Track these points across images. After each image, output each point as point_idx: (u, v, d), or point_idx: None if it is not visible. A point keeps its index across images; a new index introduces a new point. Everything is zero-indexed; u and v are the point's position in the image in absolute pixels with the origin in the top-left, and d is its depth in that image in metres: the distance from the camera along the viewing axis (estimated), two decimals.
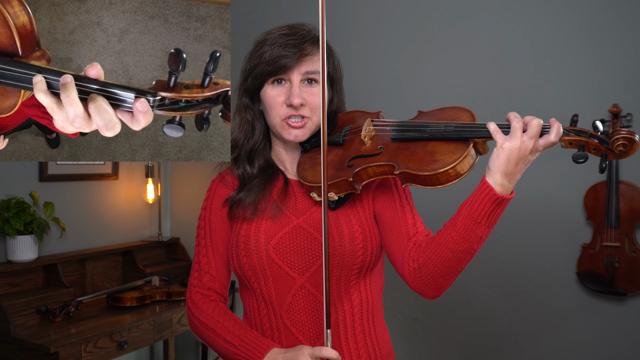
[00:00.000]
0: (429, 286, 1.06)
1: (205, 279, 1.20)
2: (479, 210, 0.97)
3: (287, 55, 1.12)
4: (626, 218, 2.05)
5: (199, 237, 1.23)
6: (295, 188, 1.21)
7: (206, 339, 1.16)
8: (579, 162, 0.95)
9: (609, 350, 2.14)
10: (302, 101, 1.12)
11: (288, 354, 1.04)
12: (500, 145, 0.95)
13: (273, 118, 1.16)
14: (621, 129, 0.93)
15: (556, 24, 2.21)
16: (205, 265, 1.20)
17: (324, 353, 1.01)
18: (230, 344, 1.11)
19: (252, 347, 1.09)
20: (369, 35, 2.60)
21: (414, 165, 1.01)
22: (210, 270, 1.20)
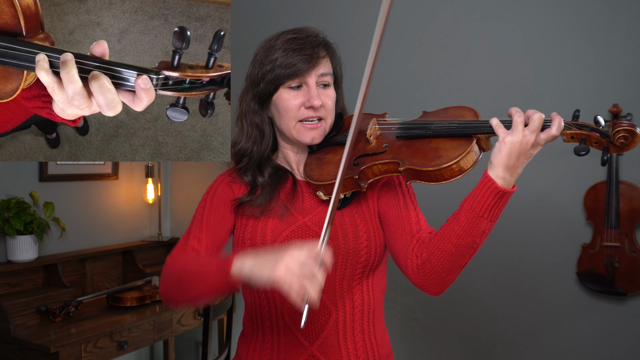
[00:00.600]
0: (432, 282, 1.06)
1: (191, 242, 1.15)
2: (482, 204, 0.98)
3: (304, 59, 1.11)
4: (626, 218, 2.05)
5: (196, 214, 1.20)
6: (304, 188, 1.21)
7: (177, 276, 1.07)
8: (580, 155, 0.95)
9: (609, 350, 2.14)
10: (321, 102, 1.13)
11: (272, 254, 0.93)
12: (502, 139, 0.96)
13: (289, 121, 1.15)
14: (622, 122, 0.94)
15: (556, 24, 2.21)
16: (195, 232, 1.16)
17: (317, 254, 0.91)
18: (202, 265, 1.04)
19: (224, 257, 1.01)
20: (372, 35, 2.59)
21: (418, 161, 1.02)
22: (199, 236, 1.15)
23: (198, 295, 1.03)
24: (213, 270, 1.00)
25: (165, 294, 1.11)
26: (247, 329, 1.24)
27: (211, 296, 1.03)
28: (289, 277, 0.88)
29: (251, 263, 0.94)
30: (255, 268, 0.92)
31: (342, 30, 2.62)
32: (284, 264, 0.89)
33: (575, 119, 0.98)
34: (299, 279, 0.88)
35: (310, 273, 0.88)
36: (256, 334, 1.20)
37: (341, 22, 2.66)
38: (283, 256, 0.90)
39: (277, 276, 0.88)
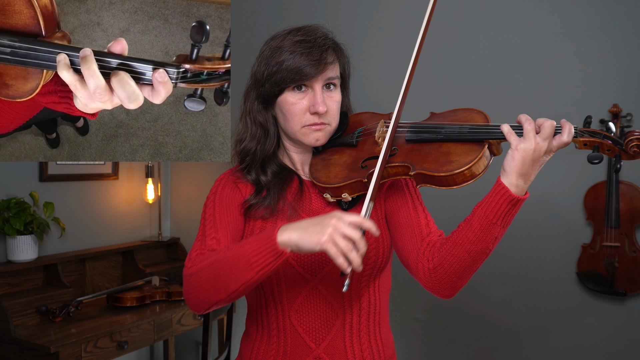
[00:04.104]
0: (444, 286, 1.06)
1: (209, 242, 1.08)
2: (495, 211, 0.98)
3: (311, 64, 1.09)
4: (626, 218, 2.05)
5: (206, 215, 1.15)
6: (310, 189, 1.20)
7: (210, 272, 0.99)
8: (594, 163, 0.96)
9: (609, 350, 2.14)
10: (326, 108, 1.12)
11: (316, 219, 0.93)
12: (515, 146, 0.96)
13: (294, 125, 1.14)
14: (634, 131, 0.94)
15: (556, 24, 2.21)
16: (211, 232, 1.10)
17: (361, 221, 0.92)
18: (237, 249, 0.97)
19: (262, 233, 0.97)
20: (380, 35, 2.59)
21: (429, 166, 1.01)
22: (216, 236, 1.09)
23: (241, 282, 0.96)
24: (254, 247, 0.95)
25: (198, 297, 1.01)
26: (251, 330, 1.22)
27: (256, 278, 0.95)
28: (337, 241, 0.89)
29: (297, 231, 0.93)
30: (302, 234, 0.92)
31: (343, 30, 2.62)
32: (330, 229, 0.90)
33: (587, 125, 0.99)
34: (346, 243, 0.89)
35: (355, 238, 0.90)
36: (260, 335, 1.19)
37: (341, 22, 2.66)
38: (329, 220, 0.91)
39: (324, 241, 0.89)
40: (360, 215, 0.93)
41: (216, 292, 0.99)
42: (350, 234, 0.90)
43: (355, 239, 0.90)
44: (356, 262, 0.89)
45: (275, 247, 0.93)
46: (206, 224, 1.13)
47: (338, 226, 0.90)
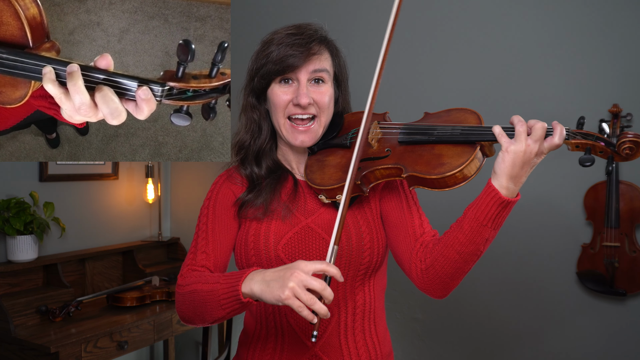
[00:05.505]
0: (436, 286, 1.07)
1: (199, 257, 1.14)
2: (485, 213, 0.98)
3: (295, 54, 1.11)
4: (626, 218, 2.05)
5: (200, 223, 1.19)
6: (305, 189, 1.20)
7: (191, 300, 1.06)
8: (585, 166, 0.95)
9: (609, 350, 2.14)
10: (309, 100, 1.13)
11: (278, 272, 0.93)
12: (506, 148, 0.95)
13: (279, 117, 1.16)
14: (627, 132, 0.94)
15: (556, 24, 2.21)
16: (202, 246, 1.15)
17: (325, 268, 0.91)
18: (212, 286, 1.02)
19: (232, 276, 1.00)
20: (375, 35, 2.59)
21: (421, 168, 1.01)
22: (207, 250, 1.15)
23: (215, 318, 1.03)
24: (224, 289, 0.99)
25: (184, 316, 1.10)
26: (249, 328, 1.23)
27: (228, 317, 1.02)
28: (299, 295, 0.89)
29: (259, 284, 0.94)
30: (264, 289, 0.93)
31: (343, 30, 2.62)
32: (291, 283, 0.89)
33: (580, 126, 0.98)
34: (308, 297, 0.88)
35: (319, 288, 0.89)
36: (258, 334, 1.20)
37: (342, 22, 2.66)
38: (291, 274, 0.90)
39: (285, 297, 0.89)
40: (324, 262, 0.92)
41: (197, 319, 1.07)
42: (313, 285, 0.89)
43: (319, 289, 0.89)
44: (322, 311, 0.88)
45: (239, 297, 0.97)
46: (199, 234, 1.18)
47: (300, 279, 0.89)
